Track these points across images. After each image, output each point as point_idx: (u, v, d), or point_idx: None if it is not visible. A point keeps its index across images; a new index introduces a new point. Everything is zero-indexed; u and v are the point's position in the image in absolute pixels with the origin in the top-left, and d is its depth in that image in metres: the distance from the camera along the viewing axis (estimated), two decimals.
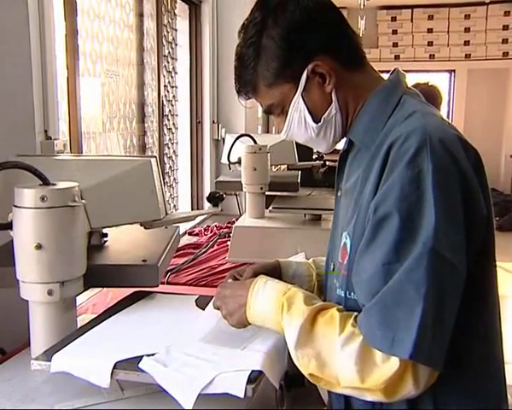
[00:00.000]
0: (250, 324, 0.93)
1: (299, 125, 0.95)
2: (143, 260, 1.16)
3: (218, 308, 0.98)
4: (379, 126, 0.89)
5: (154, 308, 1.20)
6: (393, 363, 0.75)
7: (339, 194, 0.99)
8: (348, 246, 0.88)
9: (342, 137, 0.98)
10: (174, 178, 3.22)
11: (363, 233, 0.82)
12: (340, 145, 1.02)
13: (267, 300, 0.90)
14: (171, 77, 3.11)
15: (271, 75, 0.92)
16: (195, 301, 1.23)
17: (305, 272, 1.13)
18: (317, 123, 0.93)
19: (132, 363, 0.91)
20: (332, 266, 0.98)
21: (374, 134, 0.89)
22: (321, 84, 0.91)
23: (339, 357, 0.78)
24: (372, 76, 0.96)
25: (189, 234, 2.67)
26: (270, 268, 1.10)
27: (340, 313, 0.82)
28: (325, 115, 0.93)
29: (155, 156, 1.29)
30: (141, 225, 1.24)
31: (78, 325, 1.12)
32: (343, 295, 0.89)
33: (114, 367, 0.90)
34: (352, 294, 0.86)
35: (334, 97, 0.92)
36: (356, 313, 0.82)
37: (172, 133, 3.16)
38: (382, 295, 0.76)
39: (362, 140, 0.92)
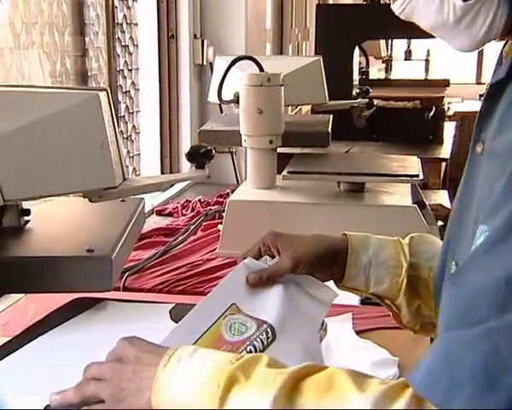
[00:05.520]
0: None
1: None
2: (88, 251, 1.17)
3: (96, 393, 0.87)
4: None
5: (105, 323, 1.22)
6: None
7: (478, 149, 0.92)
8: None
9: (498, 36, 0.92)
10: (134, 126, 3.23)
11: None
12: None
13: (195, 373, 0.82)
14: None
15: None
16: (170, 312, 1.26)
17: (390, 260, 1.10)
18: (463, 0, 0.88)
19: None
20: (454, 267, 0.91)
21: None
22: None
23: None
24: None
25: (159, 213, 2.68)
26: (327, 248, 1.08)
27: (351, 371, 0.78)
28: None
29: (106, 89, 1.29)
30: (84, 197, 1.25)
31: None
32: None
33: None
34: None
35: None
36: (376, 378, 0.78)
37: (130, 54, 3.16)
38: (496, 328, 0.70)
39: None
